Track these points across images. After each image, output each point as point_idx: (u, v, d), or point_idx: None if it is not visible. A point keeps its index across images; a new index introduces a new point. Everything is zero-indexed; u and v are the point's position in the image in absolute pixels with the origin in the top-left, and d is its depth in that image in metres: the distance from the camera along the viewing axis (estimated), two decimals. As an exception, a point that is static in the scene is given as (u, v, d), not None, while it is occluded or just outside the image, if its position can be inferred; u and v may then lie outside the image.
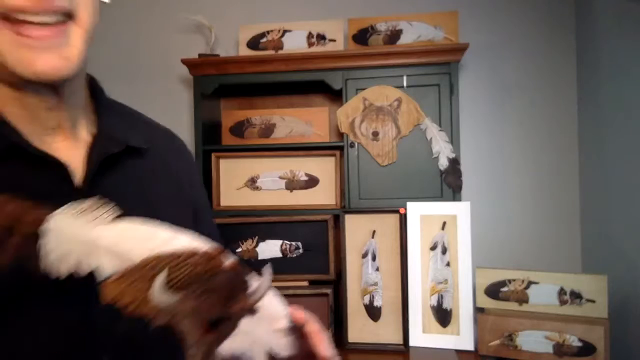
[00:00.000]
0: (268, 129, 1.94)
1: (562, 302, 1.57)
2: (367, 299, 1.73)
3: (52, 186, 0.51)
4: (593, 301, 1.54)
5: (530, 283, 1.62)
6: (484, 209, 1.97)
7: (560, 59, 1.96)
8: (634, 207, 1.55)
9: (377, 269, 1.73)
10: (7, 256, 0.41)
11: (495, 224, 1.99)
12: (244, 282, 0.45)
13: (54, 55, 0.48)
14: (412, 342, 1.67)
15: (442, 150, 1.74)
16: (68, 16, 0.48)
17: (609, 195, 1.71)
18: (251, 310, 0.44)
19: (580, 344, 1.49)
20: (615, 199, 1.67)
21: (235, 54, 2.04)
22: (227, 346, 0.43)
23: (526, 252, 1.96)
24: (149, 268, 0.42)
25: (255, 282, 0.44)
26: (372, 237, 1.74)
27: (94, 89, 0.61)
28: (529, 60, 1.98)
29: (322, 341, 0.49)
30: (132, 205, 0.51)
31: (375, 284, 1.72)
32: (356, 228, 1.75)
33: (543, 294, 1.60)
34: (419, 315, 1.69)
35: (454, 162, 1.73)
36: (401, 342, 1.67)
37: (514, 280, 1.64)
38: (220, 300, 0.43)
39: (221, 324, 0.43)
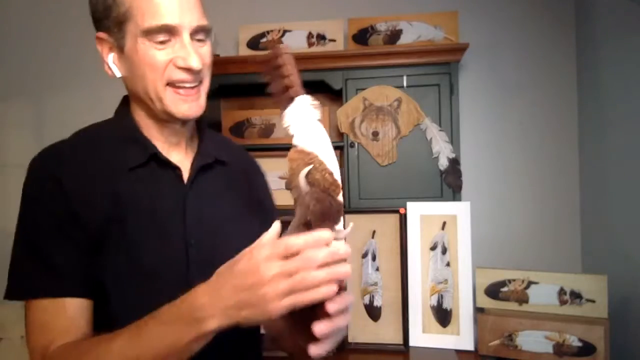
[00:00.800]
0: (268, 129, 1.94)
1: (562, 302, 1.57)
2: (367, 299, 1.73)
3: (172, 181, 0.82)
4: (593, 301, 1.54)
5: (530, 283, 1.62)
6: (484, 209, 1.97)
7: (560, 59, 1.96)
8: (634, 207, 1.55)
9: (377, 269, 1.73)
10: (278, 102, 0.72)
11: (495, 224, 1.98)
12: (338, 218, 0.64)
13: (193, 104, 0.81)
14: (412, 342, 1.67)
15: (442, 150, 1.74)
16: (200, 82, 0.81)
17: (609, 195, 1.71)
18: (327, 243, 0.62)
19: (580, 344, 1.49)
20: (615, 198, 1.67)
21: (235, 54, 2.04)
22: None
23: (526, 252, 1.95)
24: (308, 158, 0.65)
25: (341, 225, 0.64)
26: (372, 237, 1.74)
27: (201, 123, 0.92)
28: (529, 60, 1.97)
29: (336, 304, 0.65)
30: (219, 196, 0.87)
31: (375, 284, 1.72)
32: (356, 228, 1.75)
33: (543, 294, 1.60)
34: (419, 315, 1.69)
35: (454, 162, 1.73)
36: (401, 342, 1.67)
37: (514, 280, 1.64)
38: (320, 213, 0.62)
39: (309, 230, 0.62)
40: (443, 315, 1.68)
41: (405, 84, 1.77)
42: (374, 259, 1.73)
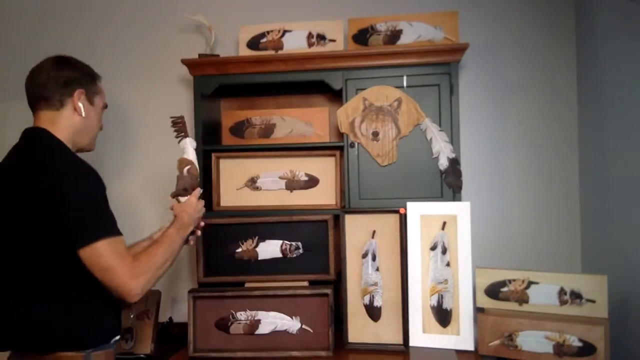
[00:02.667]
0: (268, 129, 1.94)
1: (562, 302, 1.57)
2: (367, 299, 1.73)
3: None
4: (593, 301, 1.54)
5: (530, 283, 1.62)
6: (484, 209, 1.97)
7: (560, 59, 1.96)
8: (634, 207, 1.55)
9: (377, 269, 1.73)
10: (178, 137, 1.52)
11: (495, 224, 1.98)
12: (196, 186, 1.48)
13: None
14: (412, 342, 1.67)
15: (442, 150, 1.74)
16: None
17: (609, 195, 1.71)
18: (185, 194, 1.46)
19: (580, 344, 1.49)
20: (615, 198, 1.67)
21: (235, 54, 2.04)
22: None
23: (526, 252, 1.96)
24: (189, 161, 1.48)
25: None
26: (372, 237, 1.74)
27: None
28: (529, 60, 1.97)
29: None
30: None
31: (375, 284, 1.72)
32: (356, 228, 1.75)
33: (543, 294, 1.60)
34: (419, 315, 1.69)
35: (454, 162, 1.73)
36: (401, 342, 1.67)
37: (514, 280, 1.64)
38: (192, 185, 1.47)
39: (187, 192, 1.45)
40: (443, 315, 1.68)
41: (405, 84, 1.77)
42: (374, 259, 1.73)
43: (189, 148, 1.51)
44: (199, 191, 1.46)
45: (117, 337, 1.31)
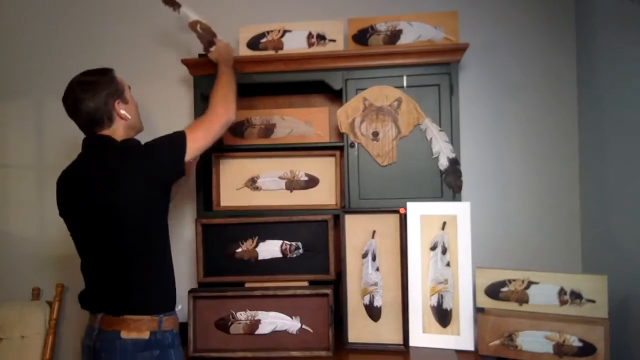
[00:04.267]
0: (268, 129, 1.94)
1: (562, 302, 1.57)
2: (367, 299, 1.73)
3: None
4: (593, 301, 1.54)
5: (530, 283, 1.62)
6: (484, 209, 1.97)
7: (560, 59, 1.96)
8: (634, 207, 1.55)
9: (377, 269, 1.73)
10: (171, 7, 1.81)
11: (495, 224, 1.98)
12: (214, 34, 1.78)
13: None
14: (412, 342, 1.68)
15: (442, 150, 1.74)
16: None
17: (609, 195, 1.71)
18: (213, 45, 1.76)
19: (580, 344, 1.49)
20: (615, 199, 1.67)
21: (235, 54, 2.04)
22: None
23: (526, 252, 1.96)
24: (195, 23, 1.77)
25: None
26: (372, 237, 1.74)
27: None
28: (529, 60, 1.97)
29: None
30: None
31: (375, 284, 1.72)
32: (356, 228, 1.75)
33: (543, 294, 1.60)
34: (419, 315, 1.69)
35: (454, 162, 1.73)
36: (401, 342, 1.67)
37: (514, 280, 1.64)
38: (212, 35, 1.76)
39: (212, 43, 1.74)
40: (443, 315, 1.68)
41: (405, 84, 1.77)
42: (374, 259, 1.74)
43: (188, 12, 1.77)
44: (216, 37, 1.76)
45: (180, 307, 1.50)
